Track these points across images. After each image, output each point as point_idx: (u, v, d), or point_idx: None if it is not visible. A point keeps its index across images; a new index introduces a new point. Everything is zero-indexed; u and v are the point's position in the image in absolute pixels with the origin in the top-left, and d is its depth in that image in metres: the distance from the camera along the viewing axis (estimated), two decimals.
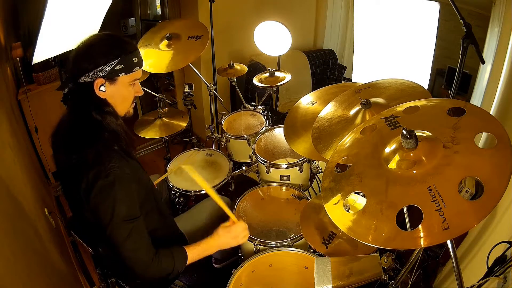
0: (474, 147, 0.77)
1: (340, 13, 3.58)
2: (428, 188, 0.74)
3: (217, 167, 2.00)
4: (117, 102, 1.13)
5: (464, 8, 1.44)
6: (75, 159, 1.05)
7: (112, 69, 1.06)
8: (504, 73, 1.92)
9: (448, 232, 0.66)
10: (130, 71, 1.10)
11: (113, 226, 1.03)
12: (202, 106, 3.16)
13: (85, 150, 1.04)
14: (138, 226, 1.08)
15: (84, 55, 1.05)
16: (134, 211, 1.08)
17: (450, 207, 0.69)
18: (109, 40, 1.09)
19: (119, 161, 1.05)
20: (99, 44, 1.07)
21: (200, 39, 2.01)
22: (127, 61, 1.08)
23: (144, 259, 1.08)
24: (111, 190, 1.02)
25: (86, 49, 1.06)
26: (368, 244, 0.78)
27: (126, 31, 3.69)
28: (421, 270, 1.77)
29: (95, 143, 1.05)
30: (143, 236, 1.10)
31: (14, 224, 1.21)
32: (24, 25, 2.41)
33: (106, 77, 1.06)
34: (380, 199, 0.81)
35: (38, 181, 2.25)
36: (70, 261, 1.97)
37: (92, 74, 1.05)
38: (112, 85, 1.09)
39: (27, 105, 2.37)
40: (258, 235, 1.48)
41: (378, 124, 1.01)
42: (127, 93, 1.14)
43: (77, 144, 1.06)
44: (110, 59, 1.05)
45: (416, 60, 2.92)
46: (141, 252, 1.08)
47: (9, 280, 0.94)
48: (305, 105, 1.67)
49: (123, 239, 1.04)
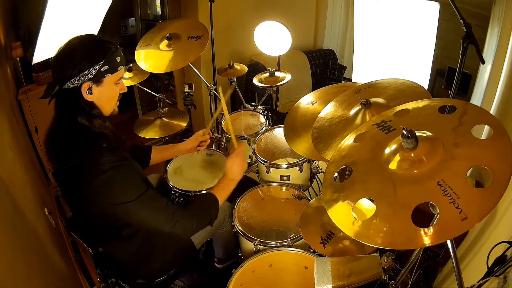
0: (473, 139, 0.79)
1: (340, 13, 3.58)
2: (437, 183, 0.75)
3: (217, 167, 2.00)
4: (104, 102, 1.13)
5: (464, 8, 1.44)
6: (68, 164, 1.07)
7: (97, 71, 1.05)
8: (504, 73, 1.92)
9: (467, 221, 0.68)
10: (115, 70, 1.10)
11: (129, 207, 1.08)
12: (202, 106, 3.16)
13: (76, 154, 1.06)
14: (149, 195, 1.12)
15: (68, 61, 1.04)
16: (141, 187, 1.12)
17: (464, 198, 0.71)
18: (92, 42, 1.08)
19: (111, 155, 1.07)
20: (81, 48, 1.05)
21: (200, 39, 2.01)
22: (111, 62, 1.07)
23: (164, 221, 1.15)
24: (114, 181, 1.05)
25: (68, 54, 1.04)
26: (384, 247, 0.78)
27: (126, 31, 3.69)
28: (421, 270, 1.77)
29: (84, 146, 1.06)
30: (156, 200, 1.15)
31: (14, 224, 1.21)
32: (24, 25, 2.41)
33: (93, 80, 1.06)
34: (390, 202, 0.81)
35: (38, 181, 2.25)
36: (70, 261, 1.97)
37: (78, 79, 1.04)
38: (99, 87, 1.09)
39: (27, 105, 2.36)
40: (258, 235, 1.48)
41: (370, 131, 1.01)
42: (113, 92, 1.15)
43: (67, 150, 1.07)
44: (95, 61, 1.04)
45: (416, 60, 2.92)
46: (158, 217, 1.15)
47: (9, 280, 0.94)
48: (305, 105, 1.67)
49: (143, 213, 1.12)
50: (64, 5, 2.12)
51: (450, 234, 0.71)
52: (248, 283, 1.31)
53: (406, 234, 0.75)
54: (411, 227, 0.75)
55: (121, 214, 1.11)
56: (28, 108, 2.37)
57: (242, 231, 1.49)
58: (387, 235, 0.78)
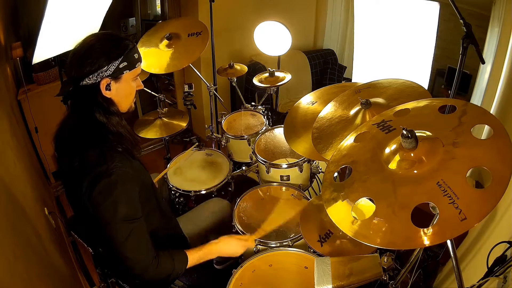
0: (473, 139, 0.79)
1: (340, 13, 3.58)
2: (437, 183, 0.75)
3: (217, 167, 2.00)
4: (122, 99, 1.14)
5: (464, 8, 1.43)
6: (78, 161, 1.05)
7: (116, 67, 1.06)
8: (504, 73, 1.92)
9: (466, 222, 0.68)
10: (133, 67, 1.11)
11: (114, 226, 1.03)
12: (202, 106, 3.16)
13: (88, 151, 1.04)
14: (138, 227, 1.08)
15: (86, 57, 1.04)
16: (135, 211, 1.08)
17: (463, 198, 0.71)
18: (109, 39, 1.08)
19: (122, 162, 1.05)
20: (99, 44, 1.05)
21: (200, 35, 2.00)
22: (129, 58, 1.09)
23: (144, 260, 1.09)
24: (114, 189, 1.02)
25: (86, 50, 1.05)
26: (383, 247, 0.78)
27: (126, 31, 3.69)
28: (421, 270, 1.77)
29: (99, 145, 1.05)
30: (143, 237, 1.10)
31: (14, 224, 1.21)
32: (24, 25, 2.41)
33: (112, 76, 1.06)
34: (389, 202, 0.81)
35: (38, 181, 2.25)
36: (70, 261, 1.98)
37: (97, 75, 1.04)
38: (118, 83, 1.09)
39: (27, 105, 2.37)
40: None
41: (370, 131, 1.01)
42: (131, 88, 1.15)
43: (80, 147, 1.06)
44: (114, 58, 1.05)
45: (416, 60, 2.92)
46: (140, 253, 1.08)
47: (9, 280, 0.94)
48: (305, 105, 1.67)
49: (124, 239, 1.04)
50: (64, 5, 2.12)
51: (449, 234, 0.71)
52: (248, 283, 1.31)
53: (406, 234, 0.75)
54: (411, 227, 0.75)
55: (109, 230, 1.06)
56: (28, 108, 2.37)
57: (242, 231, 1.49)
58: (386, 235, 0.78)
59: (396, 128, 0.95)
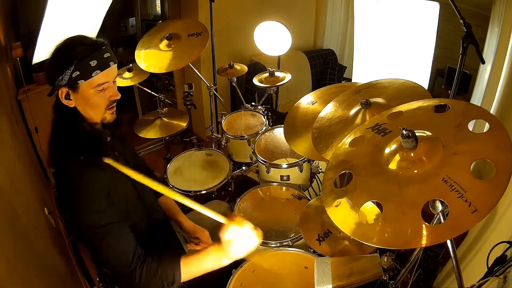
0: (471, 134, 0.81)
1: (340, 13, 3.58)
2: (443, 179, 0.76)
3: (217, 167, 2.00)
4: (85, 109, 1.07)
5: (464, 8, 1.43)
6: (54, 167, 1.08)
7: (69, 77, 0.99)
8: (504, 73, 1.92)
9: (477, 213, 0.69)
10: (88, 76, 1.01)
11: (84, 232, 1.03)
12: (202, 106, 3.16)
13: (56, 158, 1.06)
14: (113, 231, 1.02)
15: (48, 65, 1.03)
16: (103, 218, 1.02)
17: (471, 191, 0.72)
18: (65, 46, 1.03)
19: (82, 171, 1.02)
20: (56, 52, 1.02)
21: (200, 35, 2.00)
22: (82, 67, 0.99)
23: (123, 265, 1.02)
24: (77, 197, 1.01)
25: (50, 58, 1.03)
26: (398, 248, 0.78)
27: (126, 31, 3.70)
28: (421, 270, 1.77)
29: (64, 153, 1.05)
30: (120, 241, 1.03)
31: (14, 224, 1.21)
32: (24, 25, 2.41)
33: (68, 86, 1.01)
34: (398, 203, 0.81)
35: (38, 181, 2.25)
36: (70, 261, 1.97)
37: (56, 84, 1.02)
38: (76, 93, 1.03)
39: (27, 105, 2.36)
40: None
41: (365, 135, 1.01)
42: (96, 98, 1.05)
43: (54, 155, 1.08)
44: (65, 66, 0.99)
45: (416, 60, 2.92)
46: (118, 258, 1.03)
47: (9, 280, 0.94)
48: (305, 105, 1.67)
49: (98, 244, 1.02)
50: (64, 5, 2.12)
51: (463, 227, 0.71)
52: (248, 283, 1.31)
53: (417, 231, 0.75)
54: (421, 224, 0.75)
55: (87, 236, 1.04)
56: (28, 108, 2.37)
57: None
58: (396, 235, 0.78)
59: (392, 130, 0.95)
